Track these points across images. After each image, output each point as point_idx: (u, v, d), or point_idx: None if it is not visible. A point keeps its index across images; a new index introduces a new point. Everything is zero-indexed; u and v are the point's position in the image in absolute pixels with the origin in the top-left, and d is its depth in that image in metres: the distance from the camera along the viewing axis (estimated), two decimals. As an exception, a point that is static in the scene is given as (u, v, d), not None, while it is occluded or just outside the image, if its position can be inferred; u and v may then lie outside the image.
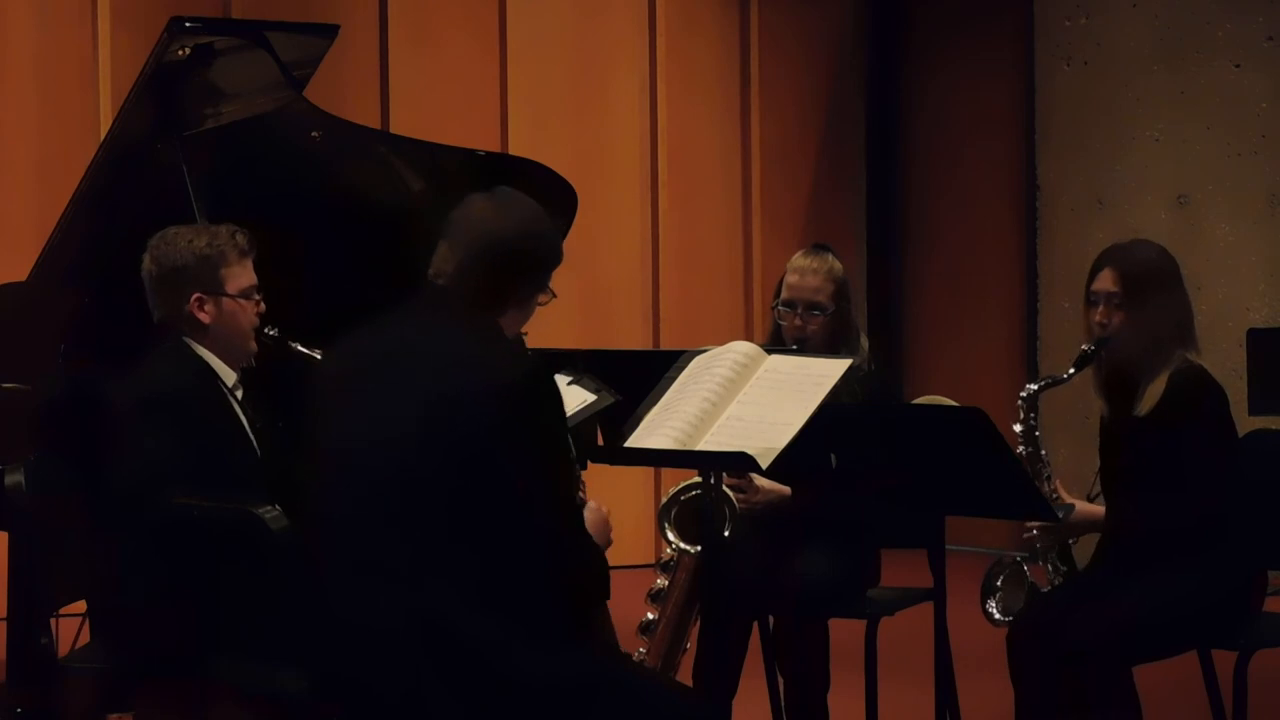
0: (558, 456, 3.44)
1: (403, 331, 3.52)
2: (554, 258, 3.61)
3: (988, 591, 4.60)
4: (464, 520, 3.34)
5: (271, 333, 4.58)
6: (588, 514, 3.71)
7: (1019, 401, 4.58)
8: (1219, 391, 4.52)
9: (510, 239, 3.51)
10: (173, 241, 4.30)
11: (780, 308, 5.01)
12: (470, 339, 3.47)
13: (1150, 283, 4.51)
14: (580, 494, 3.78)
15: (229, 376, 4.30)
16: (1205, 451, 4.42)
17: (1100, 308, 4.52)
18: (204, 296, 4.26)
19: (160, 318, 4.30)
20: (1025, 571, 4.61)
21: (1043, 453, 4.58)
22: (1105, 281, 4.53)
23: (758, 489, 4.79)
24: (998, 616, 4.59)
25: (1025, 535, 4.59)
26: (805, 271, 5.00)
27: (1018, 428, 4.57)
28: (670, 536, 4.70)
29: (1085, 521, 4.54)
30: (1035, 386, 4.59)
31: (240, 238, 4.32)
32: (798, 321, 4.98)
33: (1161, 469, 4.43)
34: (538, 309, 3.62)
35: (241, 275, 4.31)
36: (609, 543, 3.73)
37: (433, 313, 3.52)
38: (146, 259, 4.30)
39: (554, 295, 3.62)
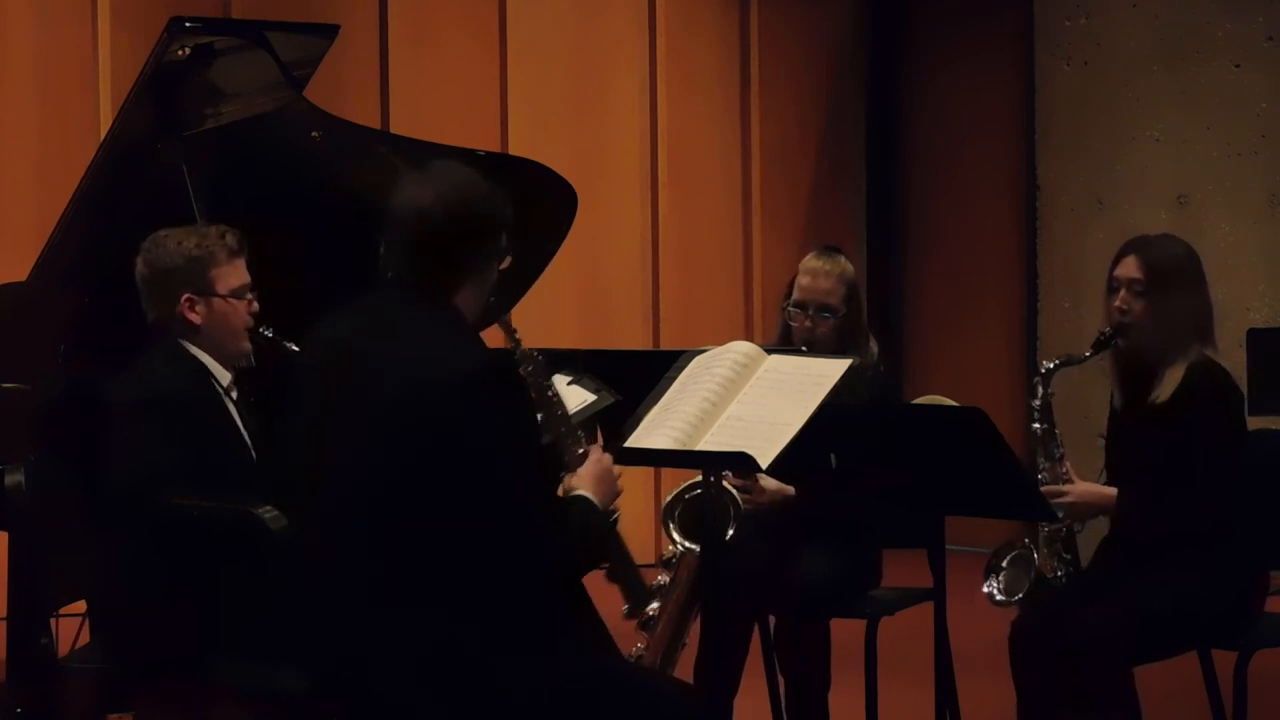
0: (522, 445, 3.38)
1: (361, 333, 3.45)
2: (494, 221, 3.48)
3: (991, 570, 4.54)
4: (438, 520, 3.30)
5: (266, 333, 4.58)
6: (589, 465, 3.61)
7: (1036, 378, 4.56)
8: (1237, 391, 4.53)
9: (440, 211, 3.40)
10: (162, 243, 4.32)
11: (791, 308, 5.01)
12: (427, 334, 3.40)
13: (1173, 276, 4.50)
14: (581, 450, 3.67)
15: (224, 377, 4.30)
16: (1217, 449, 4.41)
17: (1122, 293, 4.51)
18: (194, 297, 4.27)
19: (153, 319, 4.31)
20: (1033, 555, 4.56)
21: (1057, 431, 4.55)
22: (1129, 268, 4.51)
23: (763, 489, 4.79)
24: (999, 597, 4.52)
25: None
26: (818, 273, 5.00)
27: (1035, 402, 4.54)
28: (674, 535, 4.68)
29: (1097, 503, 4.51)
30: (1052, 364, 4.56)
31: (230, 238, 4.33)
32: (808, 323, 4.98)
33: (1173, 461, 4.42)
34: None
35: (232, 275, 4.31)
36: (618, 492, 3.62)
37: (388, 310, 3.45)
38: (138, 261, 4.33)
39: (510, 256, 3.51)
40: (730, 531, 4.60)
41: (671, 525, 4.68)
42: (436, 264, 3.43)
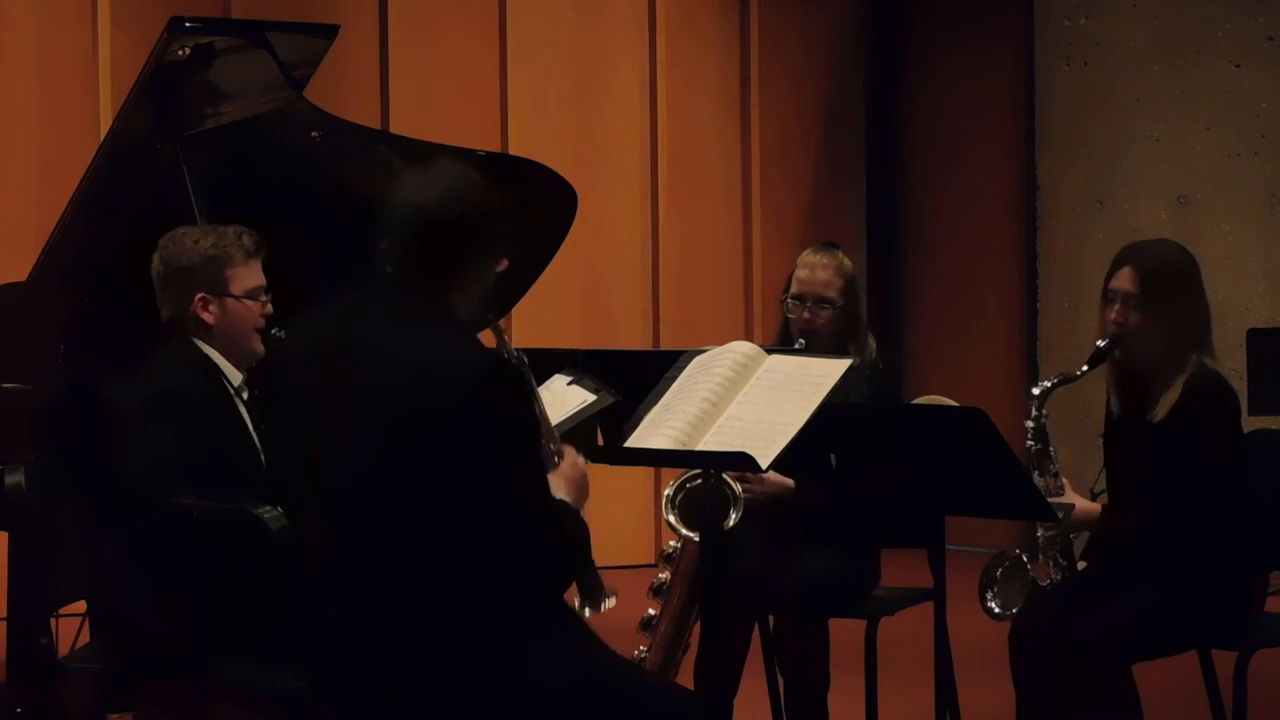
0: (524, 442, 3.38)
1: (357, 326, 3.45)
2: (494, 223, 3.49)
3: (986, 584, 4.56)
4: (443, 513, 3.31)
5: (279, 334, 4.58)
6: (565, 468, 3.59)
7: (1032, 398, 4.56)
8: (1234, 398, 4.51)
9: (439, 211, 3.41)
10: (180, 241, 4.33)
11: (790, 301, 5.03)
12: (427, 329, 3.41)
13: (1170, 284, 4.47)
14: (554, 447, 3.64)
15: (235, 377, 4.31)
16: (1213, 457, 4.40)
17: (1117, 306, 4.48)
18: (208, 297, 4.27)
19: (167, 317, 4.32)
20: (1027, 566, 4.58)
21: (1052, 449, 4.55)
22: (1124, 280, 4.48)
23: (762, 479, 4.78)
24: (996, 610, 4.55)
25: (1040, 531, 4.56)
26: (815, 266, 5.02)
27: (1030, 423, 4.54)
28: (674, 522, 4.66)
29: (1088, 519, 4.52)
30: (1049, 383, 4.56)
31: (247, 239, 4.33)
32: (806, 315, 4.99)
33: (1172, 475, 4.42)
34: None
35: (247, 276, 4.32)
36: (587, 496, 3.61)
37: (386, 304, 3.43)
38: (155, 259, 4.33)
39: (507, 262, 3.52)
40: (731, 521, 4.58)
41: (673, 514, 4.67)
42: (436, 262, 3.42)
